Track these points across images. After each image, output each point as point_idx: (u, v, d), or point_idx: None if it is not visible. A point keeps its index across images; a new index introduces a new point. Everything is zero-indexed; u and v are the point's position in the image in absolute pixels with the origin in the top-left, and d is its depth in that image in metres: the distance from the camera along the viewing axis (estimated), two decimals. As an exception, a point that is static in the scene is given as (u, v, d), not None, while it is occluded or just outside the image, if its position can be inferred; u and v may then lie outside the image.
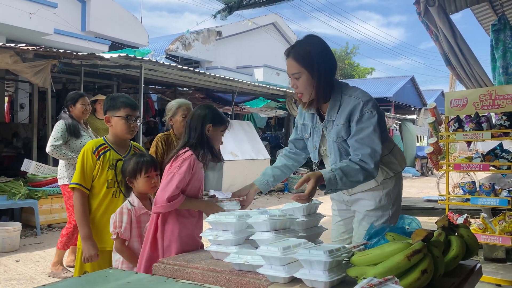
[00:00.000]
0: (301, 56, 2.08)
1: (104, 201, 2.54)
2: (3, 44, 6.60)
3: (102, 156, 2.53)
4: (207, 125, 2.31)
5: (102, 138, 2.66)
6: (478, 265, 1.85)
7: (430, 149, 4.70)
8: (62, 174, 4.34)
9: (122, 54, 7.60)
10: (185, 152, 2.24)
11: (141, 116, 8.86)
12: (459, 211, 4.99)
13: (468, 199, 4.38)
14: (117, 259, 2.45)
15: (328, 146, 2.22)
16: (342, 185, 1.98)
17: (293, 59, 2.10)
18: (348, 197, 2.33)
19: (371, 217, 2.22)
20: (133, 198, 2.48)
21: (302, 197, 1.91)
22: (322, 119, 2.23)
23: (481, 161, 4.28)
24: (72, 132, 4.31)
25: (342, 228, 2.41)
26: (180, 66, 9.35)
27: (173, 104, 3.36)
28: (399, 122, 19.37)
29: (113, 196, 2.56)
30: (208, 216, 2.01)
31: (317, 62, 2.07)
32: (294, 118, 13.65)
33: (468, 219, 4.59)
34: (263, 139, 14.64)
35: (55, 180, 6.24)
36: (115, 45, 12.25)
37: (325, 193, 2.03)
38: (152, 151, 3.22)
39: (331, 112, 2.15)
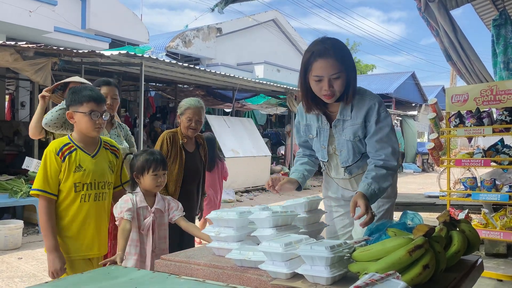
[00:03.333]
0: (342, 56, 2.04)
1: (72, 206, 2.32)
2: (4, 42, 6.60)
3: (67, 157, 2.29)
4: None
5: (67, 136, 2.40)
6: (480, 260, 1.86)
7: (431, 145, 4.70)
8: None
9: (122, 52, 7.60)
10: None
11: (142, 114, 8.86)
12: (460, 207, 5.00)
13: (469, 195, 4.38)
14: (127, 251, 2.42)
15: (339, 144, 2.24)
16: (380, 194, 2.07)
17: (335, 59, 2.02)
18: (352, 193, 2.29)
19: (377, 201, 2.21)
20: (137, 191, 2.48)
21: (367, 219, 1.91)
22: (328, 118, 2.24)
23: (482, 156, 4.27)
24: None
25: (344, 221, 2.40)
26: (181, 63, 9.35)
27: (183, 103, 3.36)
28: (400, 118, 19.35)
29: (81, 201, 2.33)
30: None
31: (351, 62, 2.10)
32: (295, 114, 13.76)
33: (469, 214, 4.60)
34: (263, 136, 14.65)
35: (56, 178, 6.25)
36: (115, 43, 12.24)
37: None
38: (157, 148, 3.21)
39: (343, 112, 2.17)
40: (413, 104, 24.88)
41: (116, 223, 2.39)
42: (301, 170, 2.43)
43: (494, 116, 4.33)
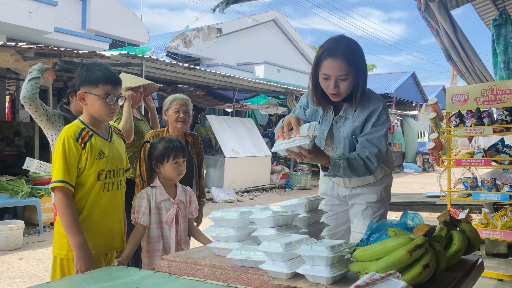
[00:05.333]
0: (351, 57, 2.03)
1: (96, 197, 2.10)
2: (4, 43, 6.61)
3: (88, 143, 2.06)
4: None
5: (78, 120, 2.15)
6: (480, 260, 1.86)
7: (432, 144, 4.69)
8: None
9: (122, 52, 7.61)
10: None
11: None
12: (461, 207, 5.00)
13: (469, 195, 4.38)
14: (151, 249, 2.41)
15: (336, 141, 2.26)
16: (342, 173, 2.07)
17: (344, 61, 2.02)
18: (346, 192, 2.38)
19: (373, 207, 2.32)
20: (156, 183, 2.41)
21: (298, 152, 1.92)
22: (335, 110, 2.24)
23: (483, 156, 4.27)
24: None
25: (335, 221, 2.45)
26: (181, 64, 9.35)
27: (168, 98, 3.24)
28: (400, 118, 19.35)
29: (104, 189, 2.12)
30: None
31: (362, 66, 2.09)
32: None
33: (470, 214, 4.60)
34: (264, 136, 14.66)
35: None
36: (115, 43, 12.26)
37: (324, 175, 2.09)
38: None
39: (347, 110, 2.19)
40: (414, 104, 24.87)
41: (132, 222, 2.35)
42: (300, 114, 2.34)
43: (495, 115, 4.33)
